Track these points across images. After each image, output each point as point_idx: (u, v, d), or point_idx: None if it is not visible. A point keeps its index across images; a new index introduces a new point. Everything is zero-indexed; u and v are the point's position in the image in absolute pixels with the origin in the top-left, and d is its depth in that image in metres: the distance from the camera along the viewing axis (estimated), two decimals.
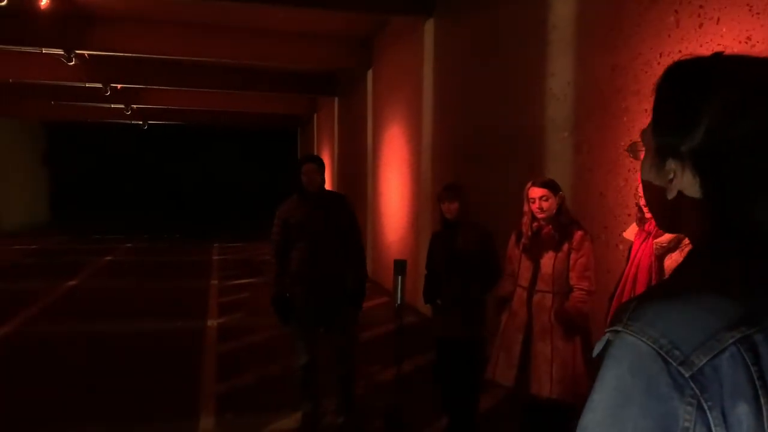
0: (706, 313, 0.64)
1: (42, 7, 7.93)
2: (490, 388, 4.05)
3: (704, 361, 0.62)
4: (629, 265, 3.02)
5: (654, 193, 0.79)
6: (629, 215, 3.70)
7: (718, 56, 0.76)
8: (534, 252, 3.35)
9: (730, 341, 0.62)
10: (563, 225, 3.31)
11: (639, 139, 0.84)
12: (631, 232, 3.13)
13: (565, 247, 3.28)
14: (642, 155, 0.82)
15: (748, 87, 0.71)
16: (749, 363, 0.62)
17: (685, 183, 0.74)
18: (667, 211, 0.79)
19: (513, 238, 3.53)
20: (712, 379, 0.62)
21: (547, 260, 3.29)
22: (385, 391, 4.61)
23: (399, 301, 3.65)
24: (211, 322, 7.28)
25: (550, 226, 3.31)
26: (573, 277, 3.27)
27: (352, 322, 4.23)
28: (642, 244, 2.96)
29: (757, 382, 0.61)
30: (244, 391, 4.94)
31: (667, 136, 0.75)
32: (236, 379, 5.21)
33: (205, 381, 5.15)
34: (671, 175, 0.75)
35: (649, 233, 2.92)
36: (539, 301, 3.30)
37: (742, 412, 0.61)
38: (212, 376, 5.30)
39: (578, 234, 3.29)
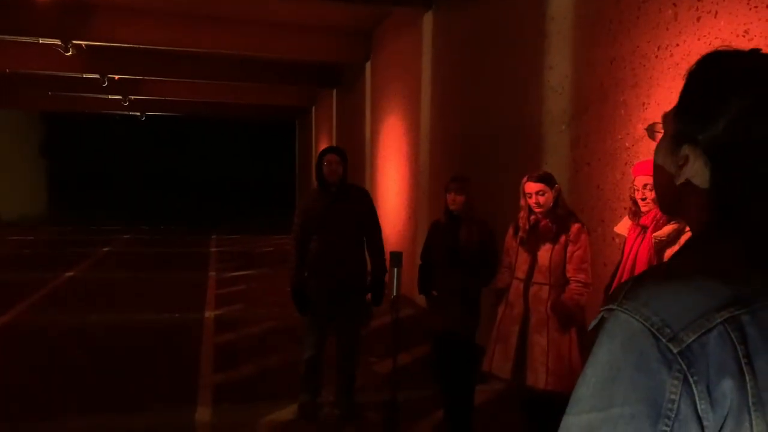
0: (697, 295, 0.67)
1: None
2: (486, 380, 4.07)
3: (692, 339, 0.65)
4: (624, 259, 3.03)
5: (662, 177, 0.82)
6: (626, 209, 3.70)
7: (755, 53, 0.77)
8: (531, 244, 3.36)
9: (718, 320, 0.65)
10: (560, 217, 3.31)
11: (658, 121, 0.86)
12: (623, 227, 3.14)
13: (562, 239, 3.29)
14: (658, 137, 0.85)
15: None
16: (735, 342, 0.64)
17: (695, 171, 0.76)
18: (672, 196, 0.82)
19: (510, 230, 3.54)
20: (699, 356, 0.64)
21: (544, 252, 3.30)
22: (381, 383, 4.62)
23: (395, 293, 3.65)
24: (209, 314, 7.29)
25: (548, 220, 3.32)
26: (570, 269, 3.28)
27: (365, 317, 4.23)
28: (636, 238, 2.97)
29: (742, 360, 0.64)
30: (242, 382, 4.96)
31: (688, 122, 0.77)
32: (233, 370, 5.22)
33: (202, 372, 5.16)
34: (682, 161, 0.77)
35: (644, 227, 2.92)
36: (536, 293, 3.31)
37: (727, 387, 0.64)
38: (209, 367, 5.31)
39: (575, 226, 3.30)
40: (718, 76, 0.76)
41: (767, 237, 0.72)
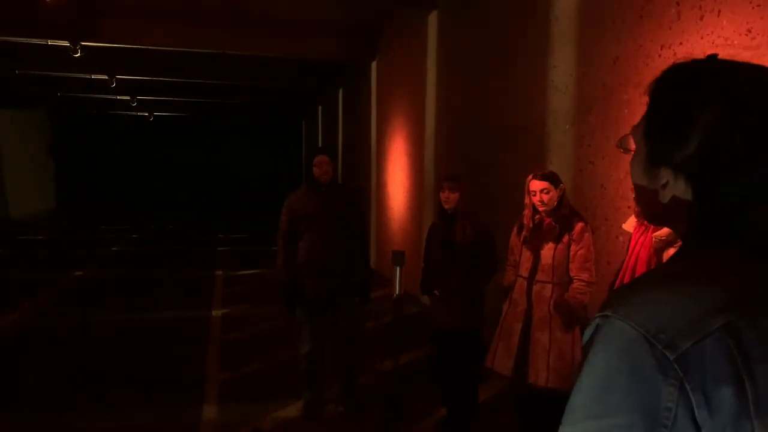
0: (692, 301, 0.66)
1: None
2: (490, 378, 4.09)
3: (688, 345, 0.64)
4: (628, 256, 3.05)
5: (646, 196, 0.81)
6: (629, 207, 3.71)
7: (712, 60, 0.77)
8: (534, 243, 3.38)
9: (715, 327, 0.64)
10: (564, 217, 3.33)
11: (629, 134, 0.84)
12: (630, 224, 3.16)
13: (566, 238, 3.30)
14: (631, 148, 0.83)
15: (741, 100, 0.72)
16: (733, 348, 0.63)
17: (678, 190, 0.76)
18: (658, 212, 0.81)
19: (515, 229, 3.56)
20: (696, 363, 0.63)
21: (548, 251, 3.32)
22: (384, 381, 4.65)
23: (398, 292, 3.67)
24: (216, 312, 7.34)
25: (551, 218, 3.34)
26: (573, 268, 3.29)
27: (359, 313, 4.28)
28: (641, 236, 2.99)
29: (740, 366, 0.63)
30: (248, 379, 5.00)
31: (660, 145, 0.77)
32: (240, 368, 5.26)
33: (209, 370, 5.21)
34: (664, 181, 0.77)
35: (647, 227, 2.94)
36: (539, 291, 3.33)
37: (725, 394, 0.62)
38: (216, 364, 5.35)
39: (579, 225, 3.31)
40: (680, 95, 0.76)
41: (757, 245, 0.72)
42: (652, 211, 0.83)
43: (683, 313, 0.65)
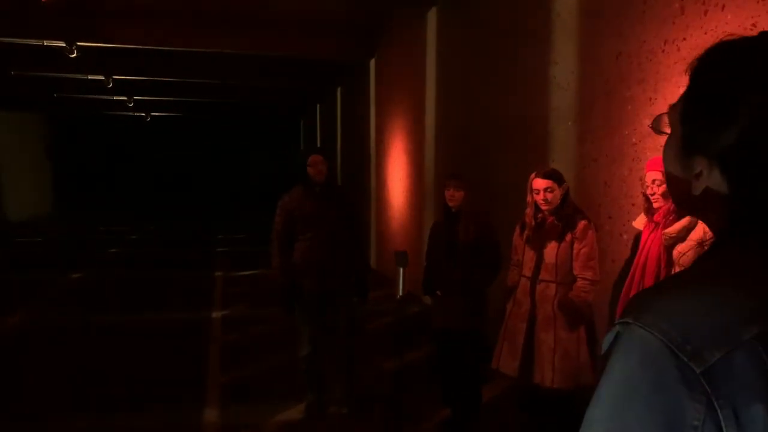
0: (722, 307, 0.61)
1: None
2: (494, 378, 4.06)
3: (717, 357, 0.58)
4: (639, 254, 3.01)
5: (676, 185, 0.76)
6: (633, 205, 3.69)
7: (764, 38, 0.69)
8: (537, 242, 3.35)
9: (747, 337, 0.58)
10: (567, 215, 3.30)
11: (664, 113, 0.77)
12: (640, 222, 3.12)
13: (569, 237, 3.27)
14: (666, 130, 0.77)
15: None
16: (766, 360, 0.58)
17: (712, 181, 0.70)
18: (690, 203, 0.75)
19: (517, 228, 3.53)
20: (725, 377, 0.58)
21: (551, 250, 3.29)
22: (387, 381, 4.62)
23: (401, 292, 3.65)
24: (216, 314, 7.30)
25: (554, 217, 3.31)
26: (576, 266, 3.26)
27: (358, 313, 4.27)
28: (651, 234, 2.95)
29: None
30: (249, 381, 4.96)
31: (696, 130, 0.71)
32: (241, 370, 5.23)
33: (209, 372, 5.17)
34: (697, 170, 0.71)
35: (657, 223, 2.91)
36: (543, 290, 3.30)
37: (757, 412, 0.57)
38: (217, 367, 5.32)
39: (582, 224, 3.28)
40: (725, 76, 0.68)
41: None
42: (682, 201, 0.77)
43: (711, 321, 0.60)
